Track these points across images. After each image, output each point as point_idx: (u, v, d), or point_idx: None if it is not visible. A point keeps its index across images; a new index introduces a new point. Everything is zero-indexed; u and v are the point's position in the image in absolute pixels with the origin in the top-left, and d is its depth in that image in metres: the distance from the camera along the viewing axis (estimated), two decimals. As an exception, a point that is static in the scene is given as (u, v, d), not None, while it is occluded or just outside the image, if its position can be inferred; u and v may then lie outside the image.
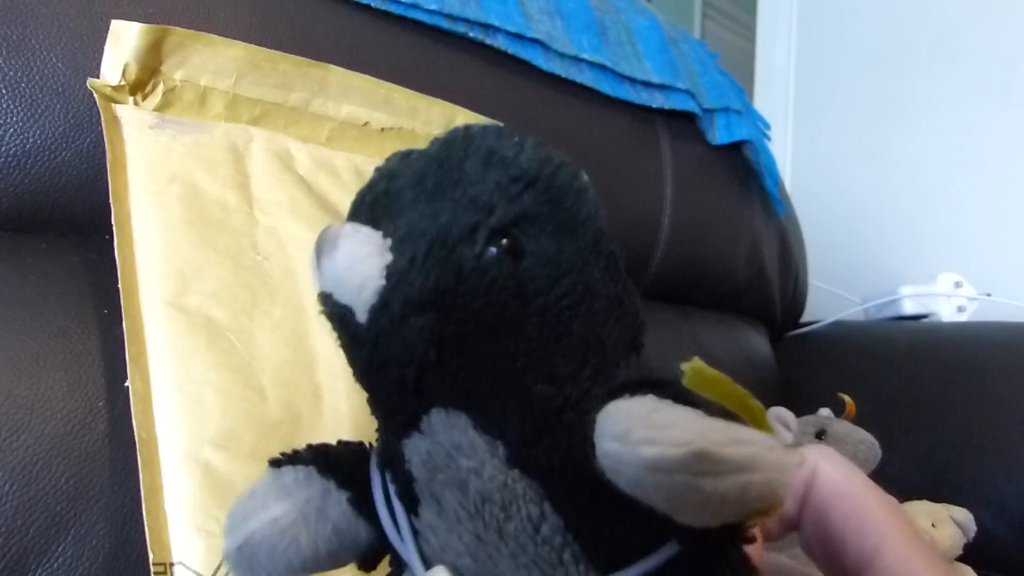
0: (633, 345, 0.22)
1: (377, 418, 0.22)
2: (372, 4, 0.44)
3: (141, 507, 0.27)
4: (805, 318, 0.95)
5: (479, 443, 0.19)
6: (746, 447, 0.14)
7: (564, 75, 0.55)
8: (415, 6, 0.46)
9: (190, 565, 0.27)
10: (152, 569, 0.26)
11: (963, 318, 0.99)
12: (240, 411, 0.30)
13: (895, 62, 1.38)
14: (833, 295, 1.05)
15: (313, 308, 0.34)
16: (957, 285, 0.99)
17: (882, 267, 1.29)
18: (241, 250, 0.34)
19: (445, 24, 0.48)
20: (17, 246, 0.34)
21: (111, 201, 0.31)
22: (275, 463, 0.22)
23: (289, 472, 0.21)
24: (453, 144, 0.21)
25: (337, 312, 0.19)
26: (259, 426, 0.30)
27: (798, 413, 0.60)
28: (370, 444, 0.23)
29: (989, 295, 1.00)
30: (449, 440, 0.19)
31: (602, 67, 0.59)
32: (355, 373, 0.21)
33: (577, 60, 0.57)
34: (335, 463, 0.22)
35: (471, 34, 0.49)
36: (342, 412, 0.32)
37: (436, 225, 0.19)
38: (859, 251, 1.34)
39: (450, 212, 0.19)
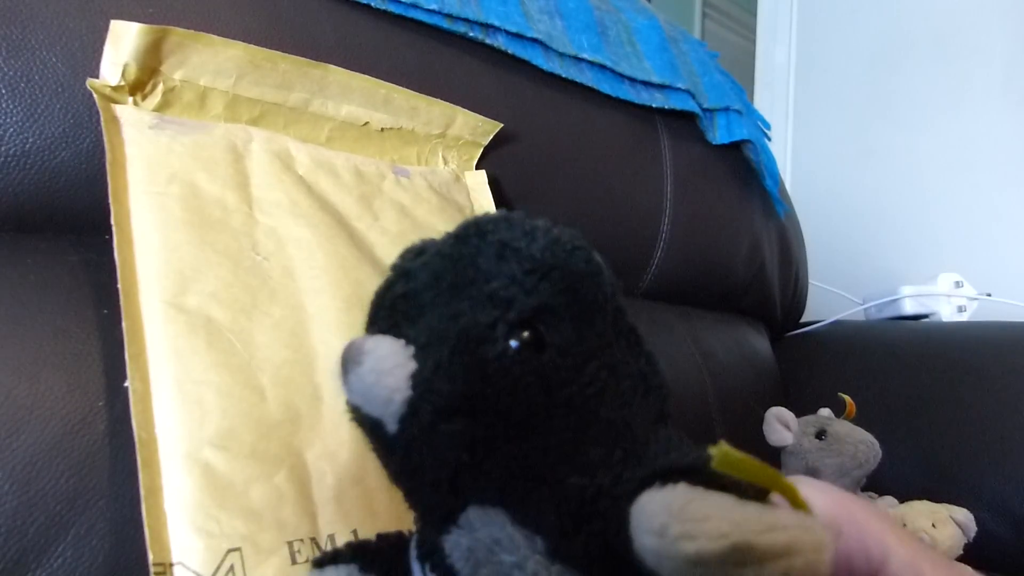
0: (660, 417, 0.22)
1: (414, 512, 0.22)
2: (372, 4, 0.44)
3: (141, 507, 0.27)
4: (805, 318, 0.95)
5: (518, 538, 0.19)
6: (783, 532, 0.15)
7: (564, 75, 0.55)
8: (415, 6, 0.46)
9: (190, 565, 0.27)
10: (152, 569, 0.26)
11: (963, 318, 0.99)
12: (240, 411, 0.30)
13: (895, 62, 1.38)
14: (833, 295, 1.05)
15: (313, 308, 0.34)
16: (957, 285, 0.99)
17: (882, 267, 1.29)
18: (241, 250, 0.34)
19: (445, 24, 0.48)
20: (17, 246, 0.34)
21: (110, 201, 0.31)
22: (318, 563, 0.22)
23: (331, 572, 0.22)
24: (465, 240, 0.21)
25: (368, 423, 0.20)
26: (259, 426, 0.30)
27: (798, 413, 0.60)
28: (409, 532, 0.23)
29: (989, 295, 0.99)
30: (489, 536, 0.19)
31: (602, 67, 0.59)
32: (389, 476, 0.21)
33: (577, 60, 0.57)
34: (375, 559, 0.22)
35: (471, 34, 0.49)
36: (342, 412, 0.32)
37: (456, 327, 0.19)
38: (859, 251, 1.34)
39: (468, 312, 0.19)
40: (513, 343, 0.19)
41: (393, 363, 0.19)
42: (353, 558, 0.22)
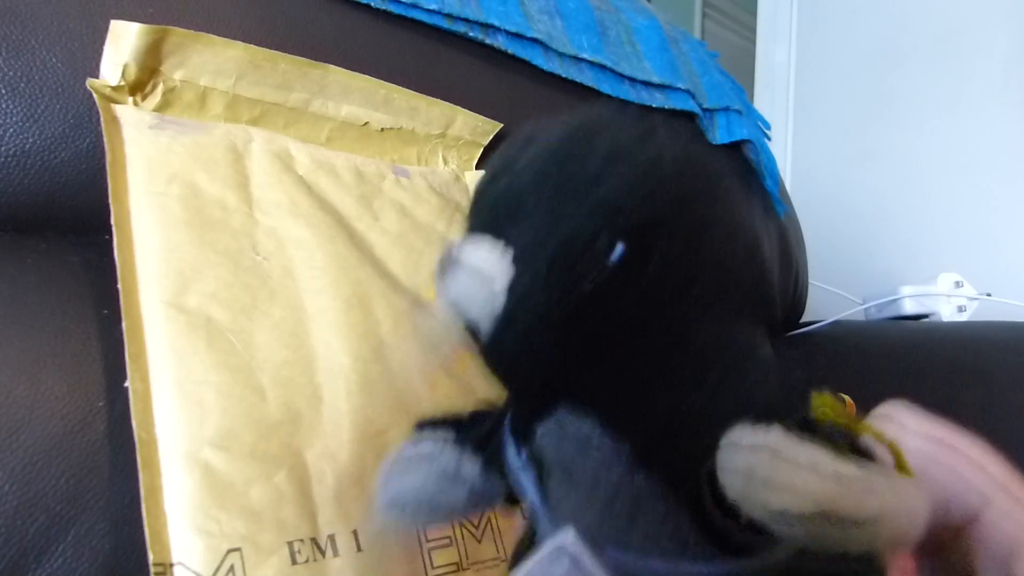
0: (770, 329, 0.21)
1: (508, 392, 0.22)
2: (372, 4, 0.44)
3: (141, 507, 0.27)
4: (805, 318, 0.95)
5: (607, 441, 0.19)
6: (873, 498, 0.14)
7: (564, 75, 0.55)
8: (415, 6, 0.46)
9: (190, 565, 0.27)
10: (152, 569, 0.26)
11: (963, 318, 0.99)
12: (240, 411, 0.30)
13: (895, 62, 1.38)
14: (833, 295, 1.05)
15: (313, 308, 0.34)
16: (957, 285, 0.99)
17: (882, 267, 1.29)
18: (241, 250, 0.34)
19: (445, 24, 0.48)
20: (17, 246, 0.34)
21: (110, 201, 0.31)
22: (419, 427, 0.23)
23: (428, 445, 0.22)
24: (575, 139, 0.19)
25: (466, 325, 0.19)
26: (259, 426, 0.30)
27: (798, 413, 0.60)
28: (498, 409, 0.23)
29: (989, 295, 1.00)
30: (578, 433, 0.19)
31: (602, 67, 0.59)
32: (483, 364, 0.21)
33: (577, 60, 0.57)
34: (471, 431, 0.22)
35: (471, 34, 0.49)
36: (342, 412, 0.32)
37: (557, 234, 0.18)
38: (859, 251, 1.34)
39: (572, 218, 0.18)
40: (616, 254, 0.17)
41: (491, 269, 0.18)
42: (449, 427, 0.22)
